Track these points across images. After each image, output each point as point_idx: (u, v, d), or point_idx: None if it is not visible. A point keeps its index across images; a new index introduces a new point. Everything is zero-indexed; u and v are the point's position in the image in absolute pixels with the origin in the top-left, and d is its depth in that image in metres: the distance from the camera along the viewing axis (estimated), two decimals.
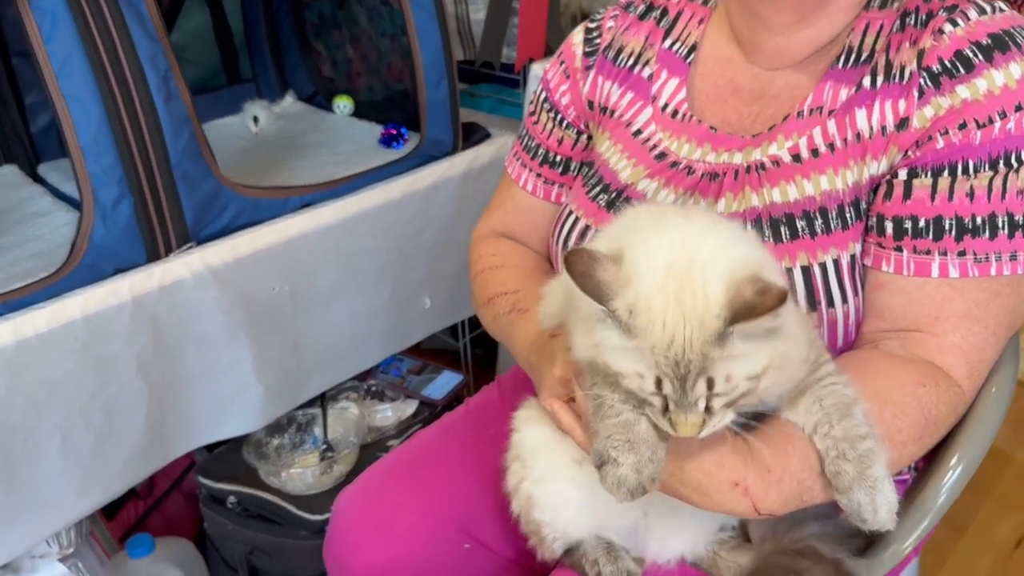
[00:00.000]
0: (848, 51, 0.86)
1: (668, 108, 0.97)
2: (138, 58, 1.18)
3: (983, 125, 0.78)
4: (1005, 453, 2.06)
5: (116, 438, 1.27)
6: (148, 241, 1.25)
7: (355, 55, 1.84)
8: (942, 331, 0.80)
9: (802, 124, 0.87)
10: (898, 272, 0.81)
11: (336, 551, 1.08)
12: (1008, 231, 0.79)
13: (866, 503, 0.69)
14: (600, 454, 0.69)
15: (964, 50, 0.79)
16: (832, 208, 0.83)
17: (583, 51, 1.05)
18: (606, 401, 0.70)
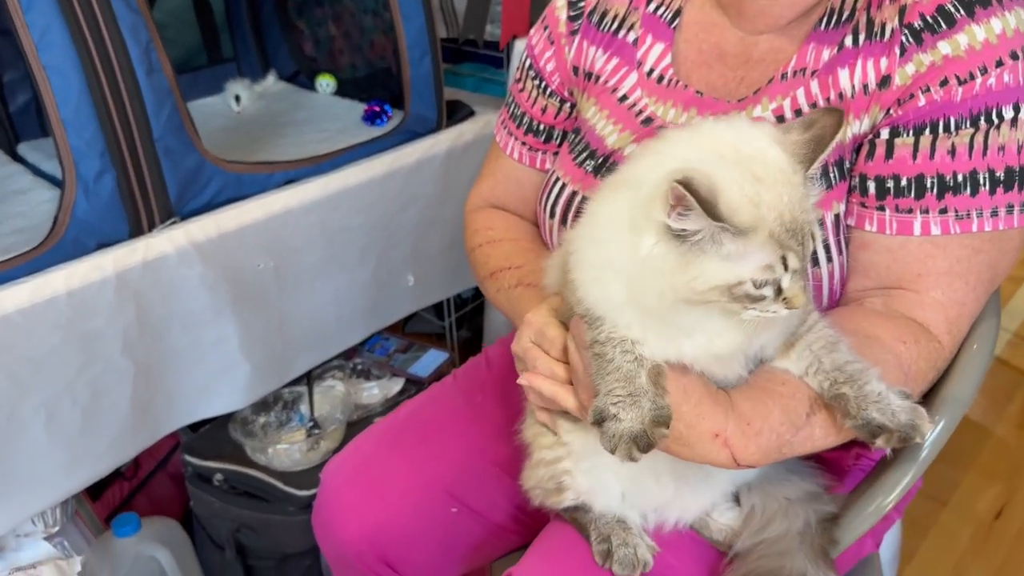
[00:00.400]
0: (831, 12, 0.87)
1: (654, 73, 0.97)
2: (119, 30, 1.16)
3: (964, 81, 0.79)
4: (984, 427, 2.09)
5: (103, 416, 1.27)
6: (131, 216, 1.24)
7: (337, 33, 1.83)
8: (924, 288, 0.81)
9: (786, 86, 0.87)
10: (881, 231, 0.82)
11: (324, 518, 1.08)
12: (989, 187, 0.80)
13: (880, 417, 0.70)
14: (600, 411, 0.70)
15: (945, 5, 0.80)
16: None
17: (568, 15, 1.05)
18: (606, 355, 0.70)
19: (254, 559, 1.51)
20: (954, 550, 1.75)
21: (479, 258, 1.10)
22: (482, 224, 1.13)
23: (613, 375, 0.70)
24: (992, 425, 2.10)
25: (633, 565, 0.82)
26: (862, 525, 0.81)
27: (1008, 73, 0.79)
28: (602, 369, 0.70)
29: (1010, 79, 0.79)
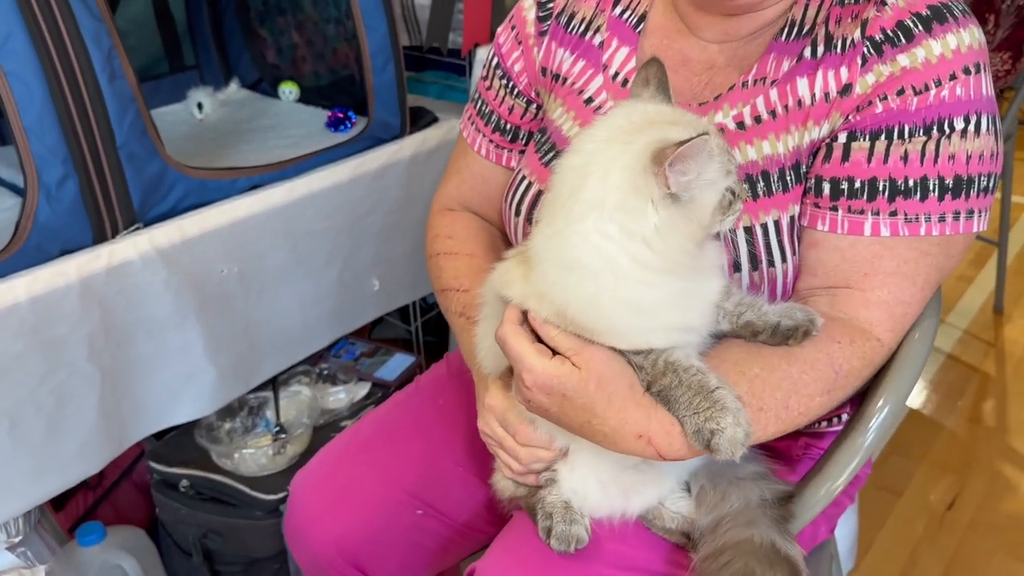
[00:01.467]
0: (791, 24, 0.90)
1: (619, 77, 0.99)
2: (81, 36, 1.17)
3: (919, 92, 0.82)
4: (936, 421, 2.16)
5: (68, 424, 1.26)
6: (94, 222, 1.24)
7: (300, 41, 1.84)
8: (870, 287, 0.84)
9: (746, 94, 0.90)
10: (832, 231, 0.85)
11: (294, 526, 1.10)
12: (938, 194, 0.83)
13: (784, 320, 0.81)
14: (699, 432, 0.73)
15: (905, 20, 0.83)
16: (774, 172, 0.87)
17: (536, 16, 1.07)
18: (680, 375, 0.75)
19: (221, 564, 1.51)
20: (909, 540, 1.80)
21: (435, 268, 1.12)
22: (443, 231, 1.14)
23: (688, 393, 0.74)
24: (944, 419, 2.17)
25: (568, 541, 0.86)
26: (814, 508, 0.84)
27: (960, 86, 0.82)
28: (678, 393, 0.75)
29: (962, 92, 0.82)
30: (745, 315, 0.80)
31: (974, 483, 1.95)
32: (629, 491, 0.89)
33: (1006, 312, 2.60)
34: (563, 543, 0.86)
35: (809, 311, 0.81)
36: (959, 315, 2.60)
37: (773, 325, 0.79)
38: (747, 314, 0.80)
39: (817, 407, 0.81)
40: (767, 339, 0.80)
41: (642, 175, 0.70)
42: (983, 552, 1.77)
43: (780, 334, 0.80)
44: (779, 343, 0.80)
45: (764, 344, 0.80)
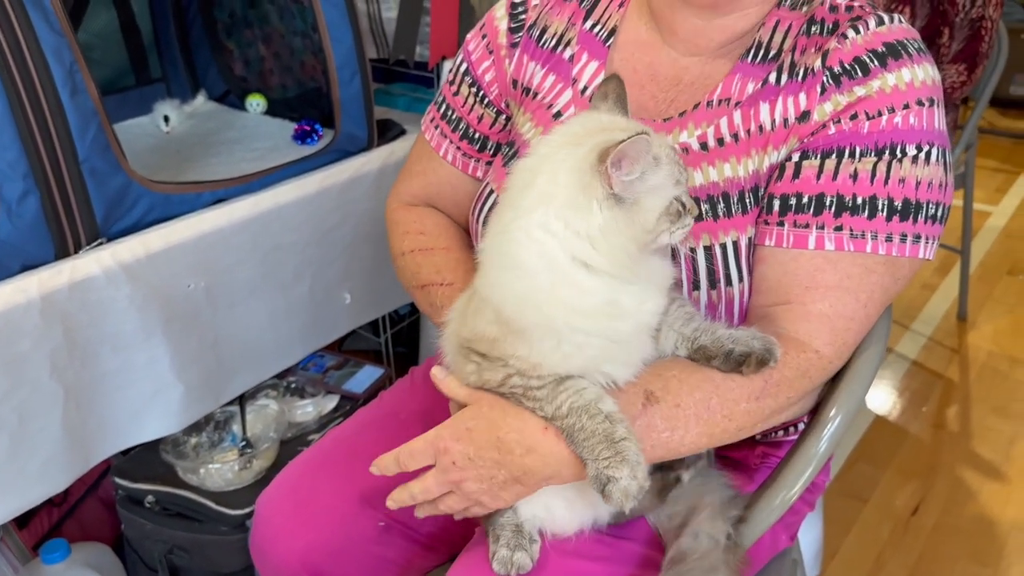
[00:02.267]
0: (757, 46, 0.92)
1: (587, 91, 1.00)
2: (42, 52, 1.16)
3: (872, 117, 0.84)
4: (901, 427, 2.19)
5: (32, 441, 1.24)
6: (56, 237, 1.23)
7: (267, 53, 1.84)
8: (810, 300, 0.85)
9: (711, 114, 0.92)
10: (778, 245, 0.86)
11: (259, 544, 1.09)
12: (886, 214, 0.84)
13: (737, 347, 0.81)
14: (597, 479, 0.75)
15: (862, 56, 0.86)
16: (734, 194, 0.89)
17: (508, 27, 1.07)
18: (575, 425, 0.76)
19: None
20: (874, 545, 1.83)
21: (408, 265, 1.10)
22: (412, 227, 1.13)
23: (591, 440, 0.76)
24: (908, 425, 2.20)
25: (508, 566, 0.86)
26: (769, 518, 0.86)
27: (914, 116, 0.84)
28: (581, 437, 0.76)
29: (915, 121, 0.84)
30: (700, 339, 0.81)
31: (938, 488, 1.98)
32: (597, 501, 0.89)
33: (969, 319, 2.65)
34: (503, 567, 0.86)
35: (768, 340, 0.81)
36: (924, 322, 2.64)
37: (726, 352, 0.80)
38: (702, 338, 0.81)
39: (744, 413, 0.82)
40: (720, 365, 0.81)
41: (589, 174, 0.72)
42: (947, 556, 1.80)
43: (733, 360, 0.80)
44: (732, 370, 0.81)
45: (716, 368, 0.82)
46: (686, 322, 0.82)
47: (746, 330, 0.82)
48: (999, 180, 3.69)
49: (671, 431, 0.80)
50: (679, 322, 0.82)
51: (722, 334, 0.81)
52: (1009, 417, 2.22)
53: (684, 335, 0.81)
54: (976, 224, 3.21)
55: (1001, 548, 1.81)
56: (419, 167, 1.17)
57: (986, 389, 2.33)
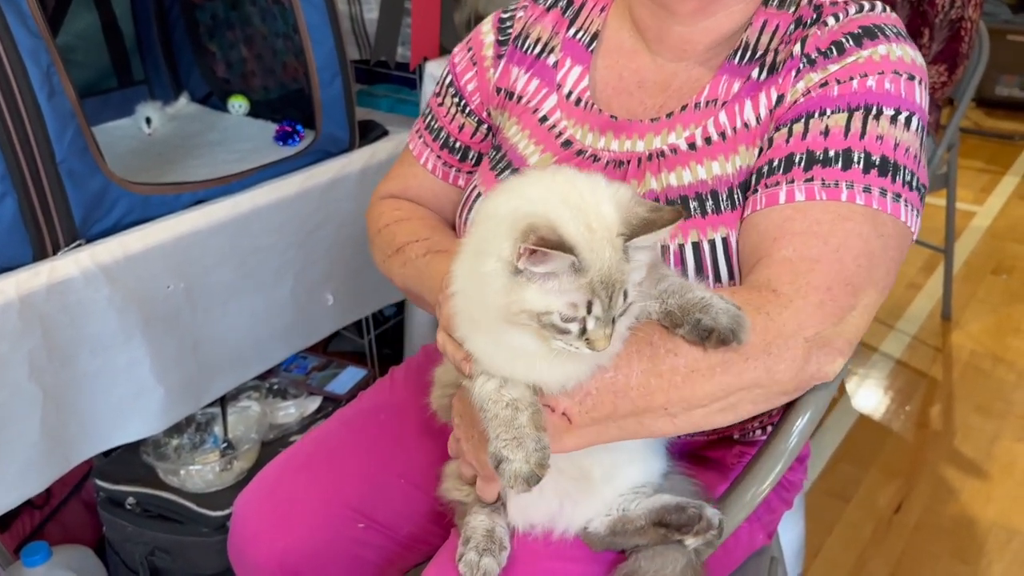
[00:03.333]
0: (744, 47, 0.92)
1: (572, 96, 1.01)
2: (19, 53, 1.16)
3: (842, 82, 0.84)
4: (885, 426, 2.20)
5: (10, 444, 1.24)
6: (34, 239, 1.23)
7: (249, 55, 1.84)
8: (776, 249, 0.80)
9: (698, 115, 0.92)
10: (752, 210, 0.84)
11: (237, 545, 1.09)
12: (863, 167, 0.80)
13: (704, 317, 0.74)
14: (494, 456, 0.75)
15: (838, 39, 0.86)
16: (722, 191, 0.89)
17: (496, 39, 1.08)
18: (487, 408, 0.76)
19: None
20: (857, 544, 1.84)
21: (385, 238, 1.10)
22: (388, 208, 1.14)
23: (495, 422, 0.76)
24: (892, 424, 2.21)
25: (473, 569, 0.85)
26: (740, 513, 0.86)
27: (890, 82, 0.83)
28: (487, 420, 0.76)
29: (892, 87, 0.83)
30: (668, 303, 0.76)
31: (921, 487, 1.99)
32: (565, 499, 0.89)
33: (953, 318, 2.66)
34: (469, 570, 0.86)
35: (738, 320, 0.73)
36: (908, 322, 2.66)
37: (694, 321, 0.74)
38: (670, 301, 0.75)
39: (688, 348, 0.76)
40: (686, 334, 0.75)
41: (512, 233, 0.69)
42: (929, 555, 1.81)
43: (699, 331, 0.74)
44: (697, 341, 0.75)
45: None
46: (658, 281, 0.77)
47: (722, 299, 0.75)
48: (984, 180, 3.71)
49: (614, 369, 0.77)
50: (651, 284, 0.76)
51: (691, 298, 0.75)
52: (991, 416, 2.23)
53: (652, 295, 0.76)
54: (961, 224, 3.24)
55: (982, 545, 1.82)
56: (400, 171, 1.19)
57: (969, 388, 2.35)
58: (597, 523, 0.89)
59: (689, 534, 0.83)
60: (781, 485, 1.05)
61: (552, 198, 0.71)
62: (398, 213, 1.12)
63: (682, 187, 0.90)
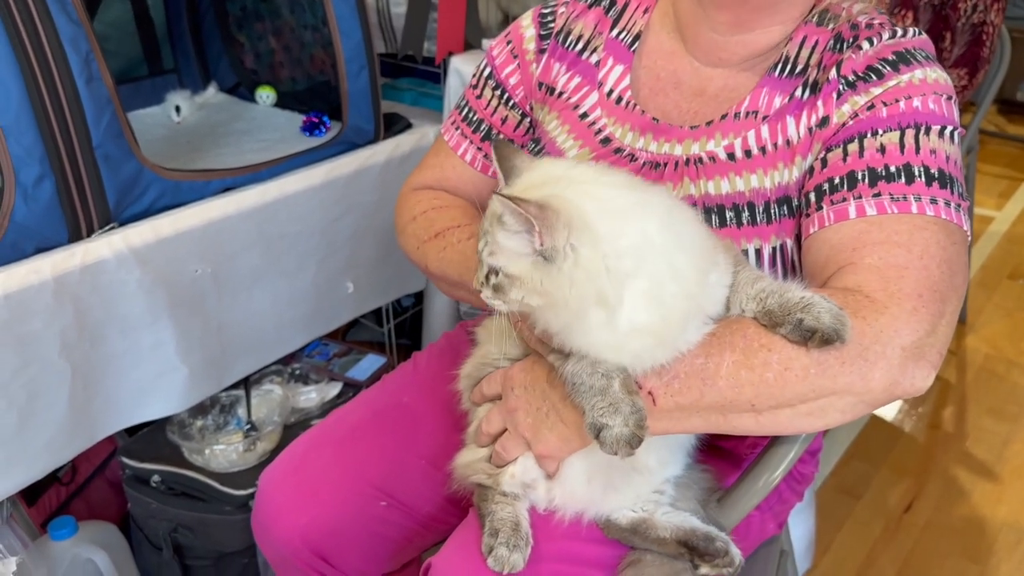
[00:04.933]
0: (784, 61, 0.94)
1: (613, 94, 1.03)
2: (59, 40, 1.19)
3: (889, 104, 0.86)
4: (897, 426, 2.21)
5: (39, 417, 1.28)
6: (70, 221, 1.27)
7: (278, 46, 1.88)
8: (859, 257, 0.81)
9: (738, 125, 0.94)
10: (821, 226, 0.85)
11: (261, 519, 1.12)
12: (925, 180, 0.82)
13: (806, 316, 0.73)
14: (593, 425, 0.77)
15: (874, 64, 0.89)
16: (759, 204, 0.91)
17: (538, 34, 1.10)
18: (580, 381, 0.78)
19: (191, 559, 1.53)
20: (866, 541, 1.85)
21: (421, 224, 1.10)
22: (424, 196, 1.15)
23: (589, 393, 0.77)
24: (904, 424, 2.22)
25: (503, 565, 0.87)
26: (752, 499, 0.89)
27: (933, 102, 0.86)
28: (580, 393, 0.78)
29: (935, 107, 0.86)
30: (768, 302, 0.76)
31: (931, 487, 2.00)
32: (608, 488, 0.92)
33: (968, 322, 2.67)
34: (499, 565, 0.87)
35: (840, 319, 0.73)
36: None
37: (796, 321, 0.74)
38: (769, 301, 0.76)
39: (782, 343, 0.77)
40: (787, 333, 0.75)
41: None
42: (937, 554, 1.82)
43: (802, 331, 0.74)
44: (799, 341, 0.75)
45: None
46: (753, 282, 0.78)
47: (824, 299, 0.74)
48: (1003, 185, 3.70)
49: (705, 357, 0.78)
50: (747, 283, 0.79)
51: (791, 298, 0.75)
52: (1004, 419, 2.24)
53: (749, 294, 0.78)
54: (979, 229, 3.23)
55: (991, 545, 1.83)
56: (435, 161, 1.19)
57: (982, 391, 2.35)
58: (620, 515, 0.91)
59: (708, 563, 0.86)
60: (792, 476, 1.07)
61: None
62: (436, 201, 1.13)
63: (719, 196, 0.93)
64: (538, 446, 0.88)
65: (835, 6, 0.96)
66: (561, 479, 0.91)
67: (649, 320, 0.75)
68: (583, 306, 0.73)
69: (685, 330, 0.78)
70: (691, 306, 0.77)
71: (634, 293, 0.73)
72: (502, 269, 0.75)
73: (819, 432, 0.91)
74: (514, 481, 0.93)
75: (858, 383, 0.76)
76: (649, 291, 0.74)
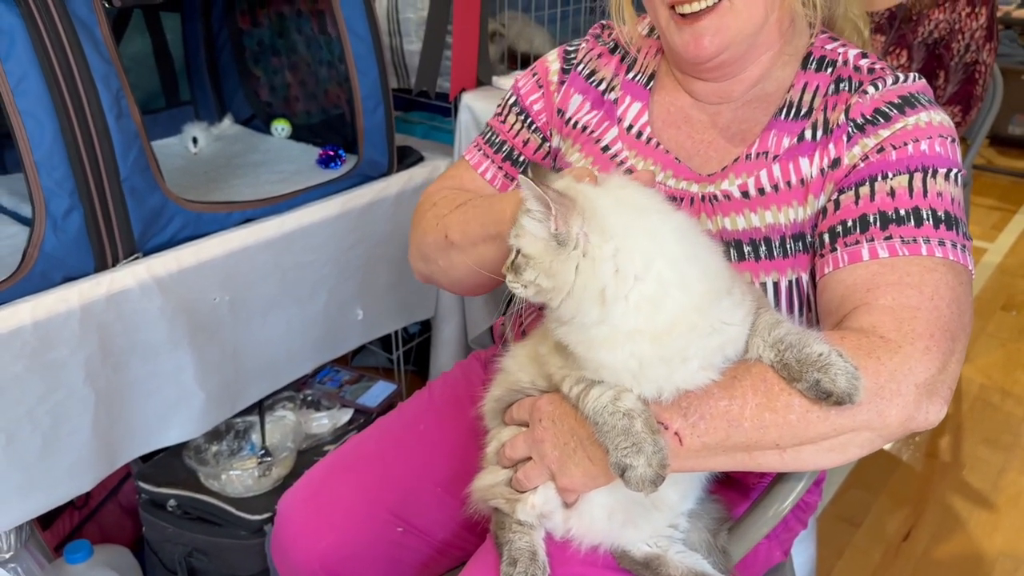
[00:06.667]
0: (789, 105, 1.00)
1: (633, 129, 1.09)
2: (92, 77, 1.24)
3: (898, 147, 0.91)
4: (894, 456, 2.25)
5: (63, 442, 1.32)
6: (97, 251, 1.31)
7: (293, 81, 1.93)
8: (873, 298, 0.85)
9: (750, 166, 1.00)
10: (835, 268, 0.90)
11: (280, 544, 1.15)
12: (933, 223, 0.87)
13: (823, 378, 0.76)
14: (617, 465, 0.79)
15: (881, 107, 0.94)
16: (775, 238, 0.96)
17: (561, 67, 1.17)
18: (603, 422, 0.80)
19: None
20: (866, 569, 1.88)
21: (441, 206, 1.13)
22: (445, 192, 1.17)
23: (612, 433, 0.80)
24: (901, 453, 2.26)
25: None
26: (763, 528, 0.92)
27: (938, 145, 0.91)
28: (604, 432, 0.81)
29: (941, 150, 0.91)
30: (785, 356, 0.79)
31: (929, 515, 2.03)
32: (627, 523, 0.94)
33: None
34: None
35: (854, 380, 0.76)
36: None
37: (813, 381, 0.76)
38: (787, 355, 0.79)
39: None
40: (804, 390, 0.78)
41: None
42: None
43: (818, 391, 0.77)
44: (812, 399, 0.78)
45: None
46: (772, 328, 0.80)
47: (840, 357, 0.77)
48: (996, 218, 3.77)
49: (729, 399, 0.80)
50: (764, 327, 0.81)
51: (810, 354, 0.77)
52: (999, 448, 2.28)
53: (767, 341, 0.80)
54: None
55: (989, 573, 1.86)
56: (453, 173, 1.23)
57: (978, 421, 2.39)
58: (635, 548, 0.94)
59: None
60: (798, 505, 1.10)
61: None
62: (458, 192, 1.16)
63: (736, 231, 0.98)
64: (563, 479, 0.91)
65: (831, 52, 1.02)
66: (581, 512, 0.93)
67: (650, 325, 0.78)
68: (584, 296, 0.77)
69: (687, 350, 0.79)
70: (698, 322, 0.79)
71: (639, 295, 0.77)
72: (521, 249, 0.80)
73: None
74: (532, 511, 0.95)
75: (876, 420, 0.79)
76: (654, 296, 0.77)
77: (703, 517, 0.96)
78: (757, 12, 0.97)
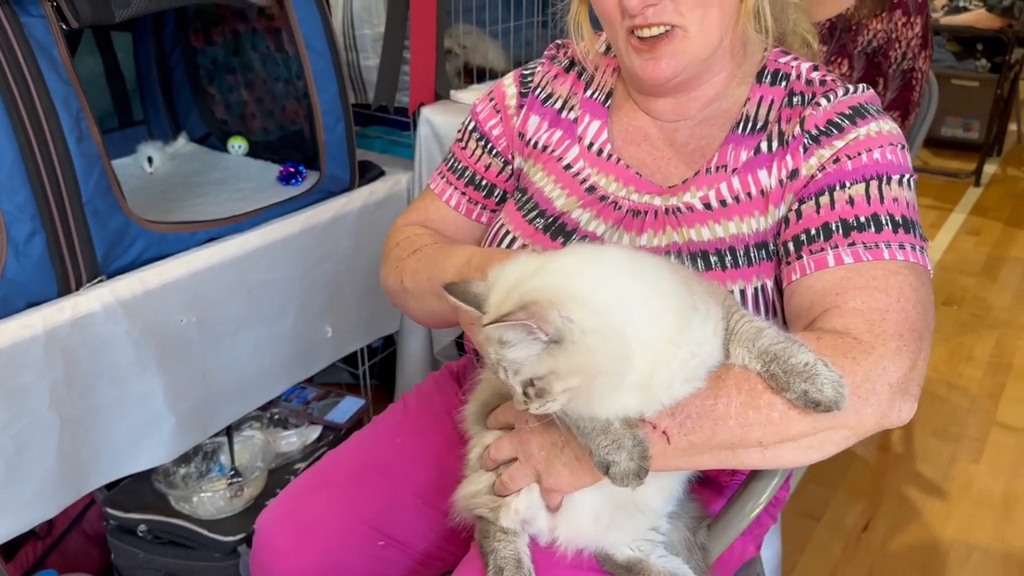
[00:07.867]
0: (746, 119, 1.04)
1: (593, 147, 1.11)
2: (51, 100, 1.23)
3: (853, 157, 0.96)
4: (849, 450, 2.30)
5: (26, 469, 1.29)
6: (59, 275, 1.29)
7: (249, 98, 1.92)
8: (843, 301, 0.88)
9: (710, 179, 1.03)
10: (802, 275, 0.94)
11: (260, 562, 1.15)
12: (892, 227, 0.91)
13: (810, 388, 0.78)
14: (601, 463, 0.81)
15: (833, 118, 0.98)
16: (739, 248, 1.00)
17: (518, 91, 1.18)
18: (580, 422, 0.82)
19: None
20: (828, 561, 1.94)
21: (404, 247, 1.15)
22: (411, 230, 1.20)
23: (592, 433, 0.82)
24: (856, 447, 2.33)
25: None
26: (740, 524, 0.95)
27: (890, 153, 0.96)
28: (585, 434, 0.82)
29: (893, 158, 0.96)
30: (772, 367, 0.81)
31: (885, 506, 2.10)
32: (612, 525, 0.95)
33: None
34: None
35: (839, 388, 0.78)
36: None
37: (801, 392, 0.79)
38: (773, 366, 0.81)
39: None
40: (791, 399, 0.80)
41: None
42: (896, 571, 1.91)
43: (806, 401, 0.79)
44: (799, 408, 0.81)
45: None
46: (755, 336, 0.82)
47: (826, 366, 0.79)
48: (933, 216, 3.91)
49: (715, 398, 0.83)
50: (749, 340, 0.82)
51: (796, 364, 0.80)
52: (948, 439, 2.36)
53: (751, 352, 0.82)
54: None
55: (944, 560, 1.94)
56: (420, 205, 1.26)
57: (926, 413, 2.48)
58: (618, 551, 0.96)
59: None
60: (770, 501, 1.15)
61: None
62: (421, 231, 1.19)
63: (702, 242, 1.01)
64: (549, 479, 0.92)
65: (784, 65, 1.06)
66: (567, 516, 0.94)
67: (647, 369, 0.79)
68: (612, 362, 0.77)
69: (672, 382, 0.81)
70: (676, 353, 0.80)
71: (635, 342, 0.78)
72: (533, 376, 0.78)
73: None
74: (516, 517, 0.95)
75: (852, 418, 0.82)
76: (640, 337, 0.78)
77: (683, 516, 0.99)
78: (712, 37, 1.01)
